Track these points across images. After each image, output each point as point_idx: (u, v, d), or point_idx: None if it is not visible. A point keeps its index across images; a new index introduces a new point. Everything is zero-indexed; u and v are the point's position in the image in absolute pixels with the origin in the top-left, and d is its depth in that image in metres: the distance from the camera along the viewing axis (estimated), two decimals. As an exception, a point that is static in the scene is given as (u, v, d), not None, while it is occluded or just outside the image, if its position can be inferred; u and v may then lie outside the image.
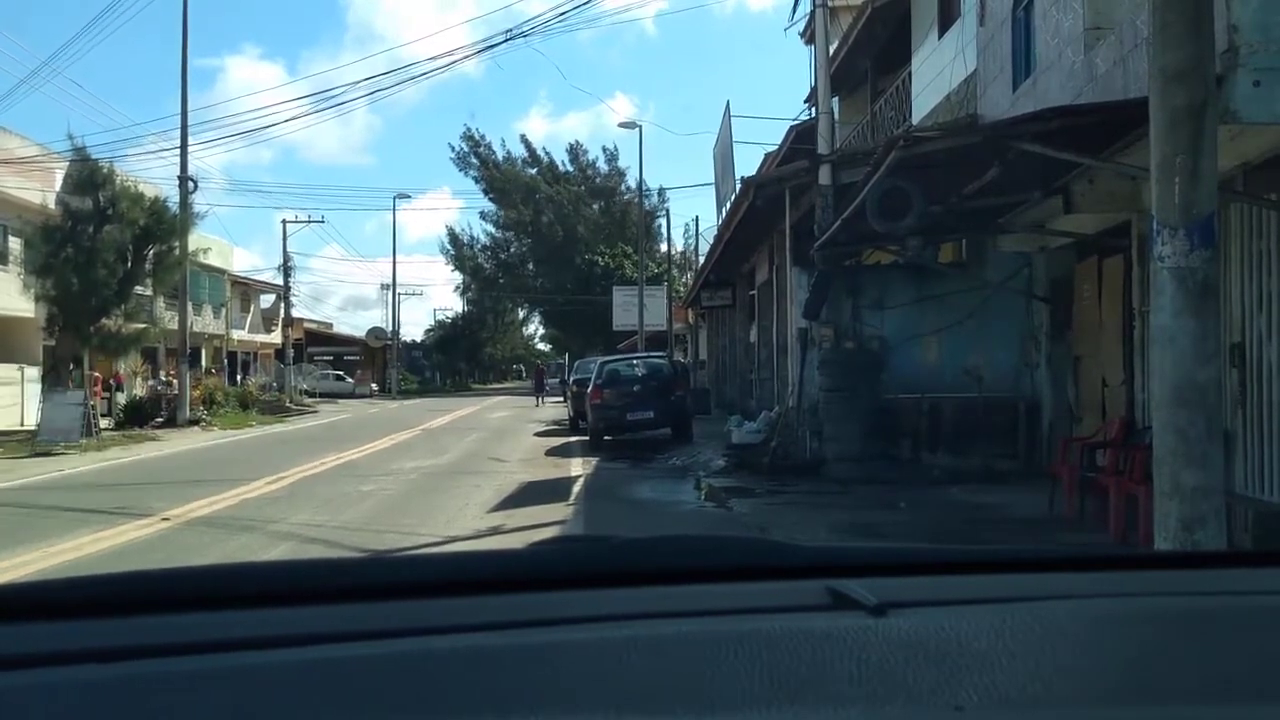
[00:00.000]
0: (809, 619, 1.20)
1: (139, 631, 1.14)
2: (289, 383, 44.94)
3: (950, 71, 15.59)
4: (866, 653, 1.08)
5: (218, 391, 31.17)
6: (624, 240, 60.30)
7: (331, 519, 10.15)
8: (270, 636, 1.13)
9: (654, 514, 10.76)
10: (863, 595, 1.22)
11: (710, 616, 1.22)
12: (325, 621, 1.19)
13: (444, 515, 10.48)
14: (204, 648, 1.09)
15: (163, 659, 1.07)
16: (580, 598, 1.31)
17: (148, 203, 23.69)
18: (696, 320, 41.63)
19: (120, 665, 1.05)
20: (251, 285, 51.71)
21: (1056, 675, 1.06)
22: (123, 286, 22.86)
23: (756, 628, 1.15)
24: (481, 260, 70.51)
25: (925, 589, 1.35)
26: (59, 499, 12.03)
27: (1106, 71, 8.70)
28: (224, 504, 11.18)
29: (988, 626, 1.16)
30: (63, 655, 1.06)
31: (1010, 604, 1.28)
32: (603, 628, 1.18)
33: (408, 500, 11.72)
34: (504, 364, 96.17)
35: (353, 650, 1.10)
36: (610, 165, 66.63)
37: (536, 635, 1.16)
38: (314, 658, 1.08)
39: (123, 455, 18.60)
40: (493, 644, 1.12)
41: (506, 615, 1.20)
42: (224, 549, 8.57)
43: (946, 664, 1.06)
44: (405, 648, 1.11)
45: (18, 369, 26.37)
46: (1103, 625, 1.23)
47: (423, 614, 1.22)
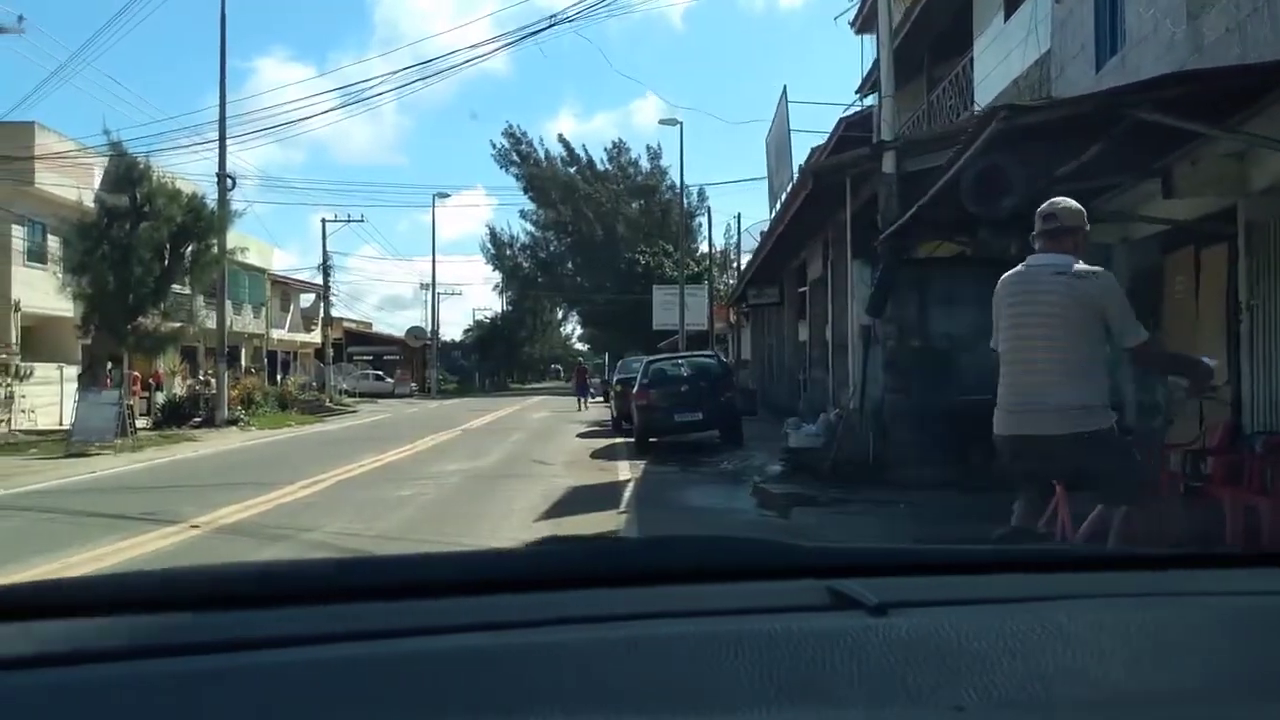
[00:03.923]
0: (809, 619, 1.20)
1: (139, 632, 1.15)
2: (329, 382, 44.65)
3: (1020, 54, 14.80)
4: (866, 653, 1.09)
5: (256, 391, 30.86)
6: (664, 239, 59.69)
7: (368, 527, 9.55)
8: (270, 637, 1.13)
9: (710, 524, 10.05)
10: (863, 595, 1.22)
11: (710, 616, 1.22)
12: (326, 622, 1.19)
13: (487, 524, 9.86)
14: (204, 648, 1.09)
15: (163, 659, 1.07)
16: (580, 598, 1.30)
17: (185, 199, 23.37)
18: (738, 319, 40.89)
19: (120, 666, 1.06)
20: (291, 284, 51.61)
21: (1057, 676, 1.06)
22: (159, 284, 22.55)
23: (756, 628, 1.15)
24: (521, 260, 70.26)
25: (925, 589, 1.35)
26: (87, 503, 11.54)
27: (1217, 40, 7.91)
28: (256, 510, 10.61)
29: (988, 626, 1.17)
30: (63, 656, 1.07)
31: (1011, 604, 1.29)
32: (603, 628, 1.19)
33: (449, 507, 11.11)
34: (542, 364, 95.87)
35: (353, 650, 1.10)
36: (652, 164, 66.08)
37: (536, 635, 1.16)
38: (314, 658, 1.09)
39: (157, 456, 18.17)
40: (493, 644, 1.12)
41: (506, 615, 1.20)
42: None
43: (946, 664, 1.07)
44: (405, 648, 1.11)
45: (56, 368, 26.19)
46: (1103, 626, 1.21)
47: (423, 614, 1.21)
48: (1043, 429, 4.57)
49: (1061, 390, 4.52)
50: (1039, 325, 4.61)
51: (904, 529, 8.96)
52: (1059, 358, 4.54)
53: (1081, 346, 4.50)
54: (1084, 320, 4.49)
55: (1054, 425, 4.52)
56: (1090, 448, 4.51)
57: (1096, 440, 4.51)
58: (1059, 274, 4.54)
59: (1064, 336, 4.52)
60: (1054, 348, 4.55)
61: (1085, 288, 4.50)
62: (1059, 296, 4.53)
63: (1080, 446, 4.50)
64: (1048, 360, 4.58)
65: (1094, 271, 4.61)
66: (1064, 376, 4.53)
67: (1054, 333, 4.55)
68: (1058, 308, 4.54)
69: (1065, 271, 4.54)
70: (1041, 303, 4.60)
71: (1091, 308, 4.49)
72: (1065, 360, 4.52)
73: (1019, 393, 4.67)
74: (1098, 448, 4.52)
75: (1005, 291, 4.80)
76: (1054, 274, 4.56)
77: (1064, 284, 4.52)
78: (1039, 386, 4.59)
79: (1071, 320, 4.50)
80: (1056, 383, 4.54)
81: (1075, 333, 4.50)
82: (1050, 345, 4.57)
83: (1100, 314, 4.50)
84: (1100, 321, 4.51)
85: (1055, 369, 4.55)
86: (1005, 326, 4.77)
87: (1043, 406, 4.56)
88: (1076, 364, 4.50)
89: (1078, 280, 4.51)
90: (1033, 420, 4.61)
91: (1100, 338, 4.56)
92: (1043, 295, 4.59)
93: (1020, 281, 4.74)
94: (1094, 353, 4.55)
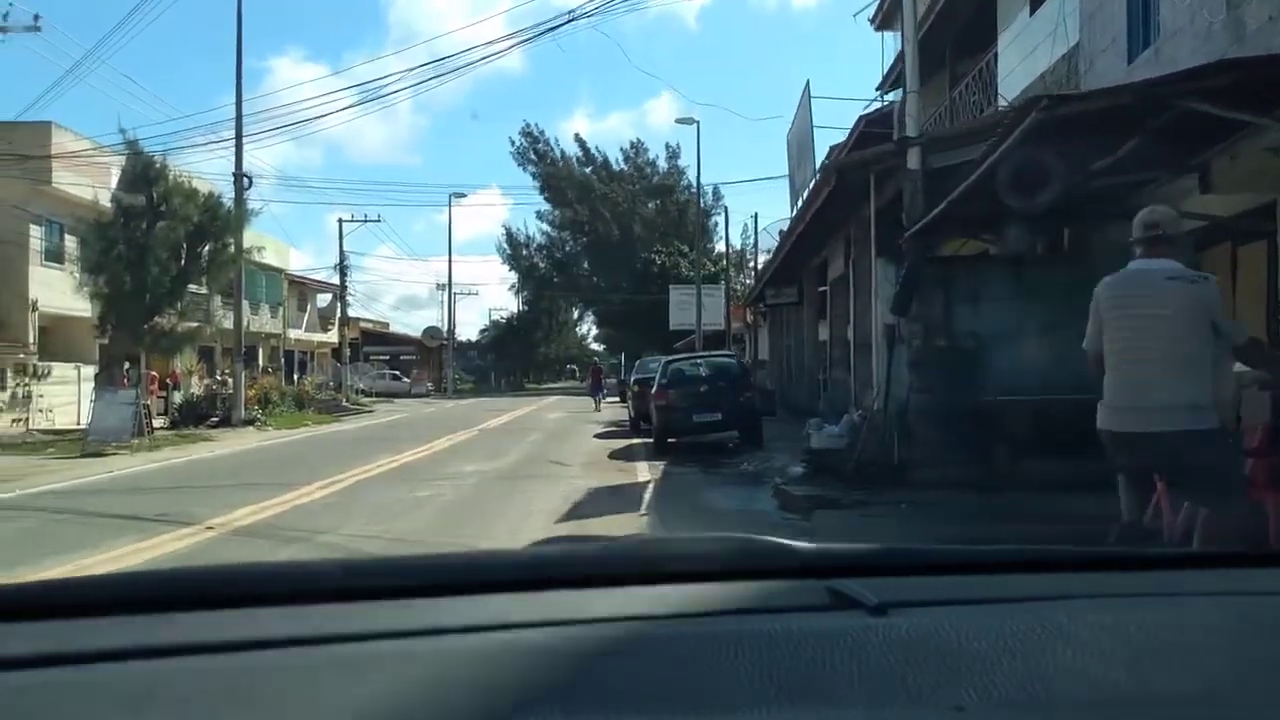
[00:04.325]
0: (809, 619, 1.20)
1: (142, 632, 1.14)
2: (345, 382, 44.61)
3: (1046, 48, 14.57)
4: (866, 653, 1.09)
5: (273, 391, 30.79)
6: (680, 239, 59.47)
7: (386, 529, 9.39)
8: (270, 638, 1.12)
9: (732, 526, 9.82)
10: (863, 595, 1.21)
11: (710, 617, 1.22)
12: (326, 622, 1.19)
13: (506, 525, 9.68)
14: (205, 648, 1.09)
15: (163, 659, 1.07)
16: (580, 598, 1.30)
17: (201, 199, 23.28)
18: (755, 319, 40.62)
19: (121, 666, 1.05)
20: (308, 284, 51.58)
21: (1057, 676, 1.05)
22: (176, 284, 22.48)
23: (756, 628, 1.15)
24: (537, 259, 70.18)
25: (925, 589, 1.35)
26: (101, 504, 11.42)
27: (1259, 29, 7.67)
28: (272, 511, 10.46)
29: (988, 627, 1.17)
30: (64, 656, 1.06)
31: (1011, 604, 1.29)
32: (603, 628, 1.18)
33: (467, 508, 10.94)
34: (558, 364, 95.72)
35: (353, 651, 1.10)
36: (670, 163, 65.87)
37: (537, 635, 1.15)
38: (314, 658, 1.09)
39: (174, 456, 18.08)
40: (493, 644, 1.12)
41: (507, 616, 1.20)
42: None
43: (946, 664, 1.06)
44: (406, 648, 1.11)
45: (74, 368, 26.18)
46: (1104, 626, 1.19)
47: (423, 614, 1.21)
48: (1152, 426, 4.76)
49: (1172, 389, 4.73)
50: (1154, 327, 4.80)
51: (927, 531, 8.73)
52: (1173, 358, 4.75)
53: (1194, 347, 4.72)
54: (1196, 322, 4.73)
55: (1163, 423, 4.72)
56: (1197, 445, 4.69)
57: (1204, 439, 4.69)
58: (1172, 279, 4.77)
59: (1180, 338, 4.74)
60: (1168, 349, 4.76)
61: (1199, 292, 4.74)
62: (1177, 300, 4.74)
63: (1188, 444, 4.68)
64: (1161, 361, 4.78)
65: (1204, 276, 4.92)
66: (1175, 376, 4.74)
67: (1171, 334, 4.75)
68: (1175, 310, 4.75)
69: (1179, 276, 4.78)
70: (1158, 306, 4.80)
71: (1204, 310, 4.73)
72: (1178, 361, 4.73)
73: (1129, 391, 4.88)
74: (1204, 446, 4.71)
75: (1112, 294, 4.97)
76: (1167, 279, 4.78)
77: (1179, 288, 4.75)
78: (1150, 386, 4.80)
79: (1187, 322, 4.72)
80: (1168, 382, 4.75)
81: (1189, 334, 4.72)
82: (1165, 346, 4.77)
83: (1210, 316, 4.75)
84: (1208, 323, 4.75)
85: (1168, 369, 4.76)
86: (1116, 328, 4.94)
87: (1153, 405, 4.76)
88: (1188, 364, 4.73)
89: (1191, 285, 4.76)
90: (1142, 418, 4.80)
91: (1208, 339, 4.76)
92: (1159, 298, 4.79)
93: (1130, 285, 4.94)
94: (1203, 353, 4.76)
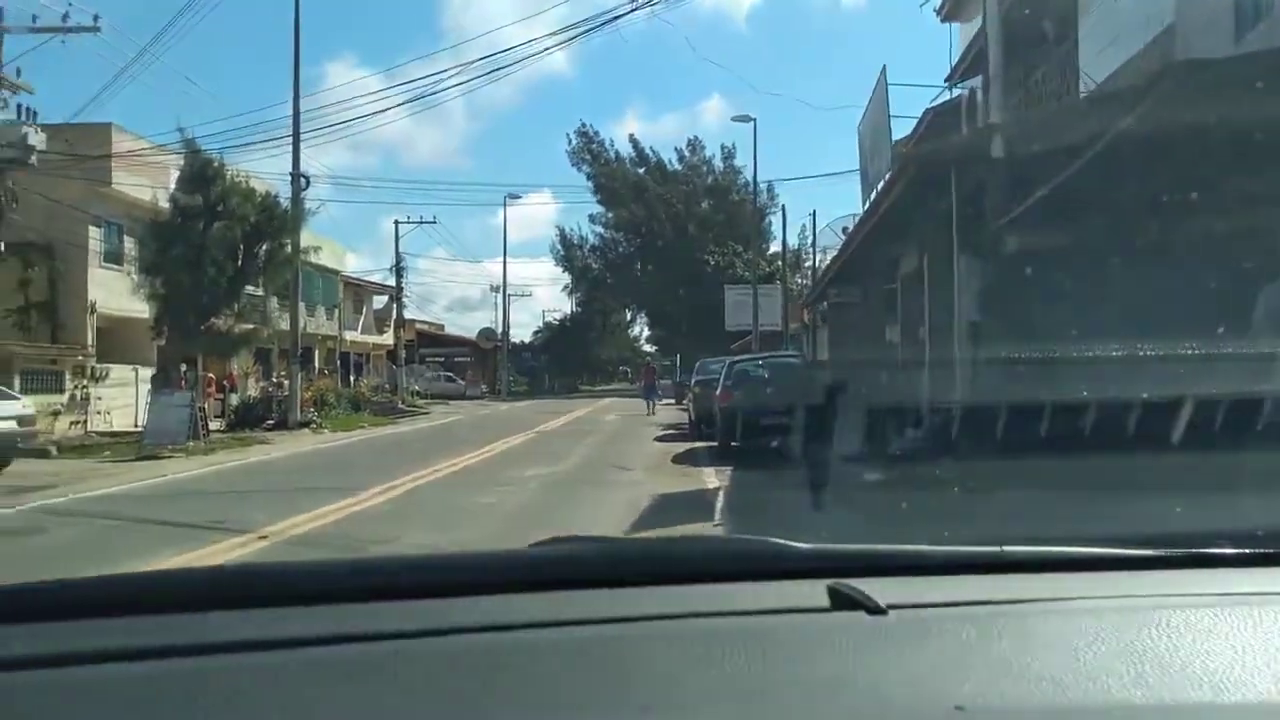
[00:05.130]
0: (809, 619, 1.21)
1: (140, 632, 1.15)
2: (401, 384, 44.52)
3: (1135, 32, 13.78)
4: (866, 653, 1.11)
5: (329, 393, 30.65)
6: (735, 239, 58.73)
7: (448, 538, 8.92)
8: (270, 638, 1.13)
9: (817, 537, 9.21)
10: (863, 595, 1.22)
11: (710, 617, 1.22)
12: (326, 623, 1.18)
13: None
14: (206, 649, 1.10)
15: (164, 660, 1.07)
16: (581, 598, 1.30)
17: (258, 199, 23.09)
18: (813, 320, 39.79)
19: (121, 666, 1.06)
20: (364, 287, 51.61)
21: (1057, 676, 1.06)
22: (232, 285, 22.30)
23: (756, 628, 1.17)
24: (590, 261, 69.85)
25: (925, 589, 1.35)
26: (155, 509, 11.09)
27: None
28: (330, 518, 10.04)
29: (988, 627, 1.18)
30: (63, 656, 1.07)
31: (1010, 605, 1.29)
32: (604, 629, 1.18)
33: (532, 516, 10.43)
34: (610, 365, 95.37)
35: (353, 651, 1.11)
36: (726, 163, 65.16)
37: (541, 635, 1.15)
38: (314, 658, 1.09)
39: (229, 459, 17.81)
40: (498, 644, 1.13)
41: (512, 616, 1.20)
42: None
43: (946, 664, 1.08)
44: (406, 649, 1.11)
45: (132, 370, 26.14)
46: (1103, 626, 1.21)
47: (424, 615, 1.22)
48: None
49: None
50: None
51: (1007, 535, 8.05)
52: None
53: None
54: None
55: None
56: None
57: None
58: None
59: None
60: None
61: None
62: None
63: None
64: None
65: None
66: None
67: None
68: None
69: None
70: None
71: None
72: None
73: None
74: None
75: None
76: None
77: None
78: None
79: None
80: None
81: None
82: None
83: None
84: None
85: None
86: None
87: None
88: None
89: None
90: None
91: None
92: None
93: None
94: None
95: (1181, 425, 10.15)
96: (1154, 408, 10.71)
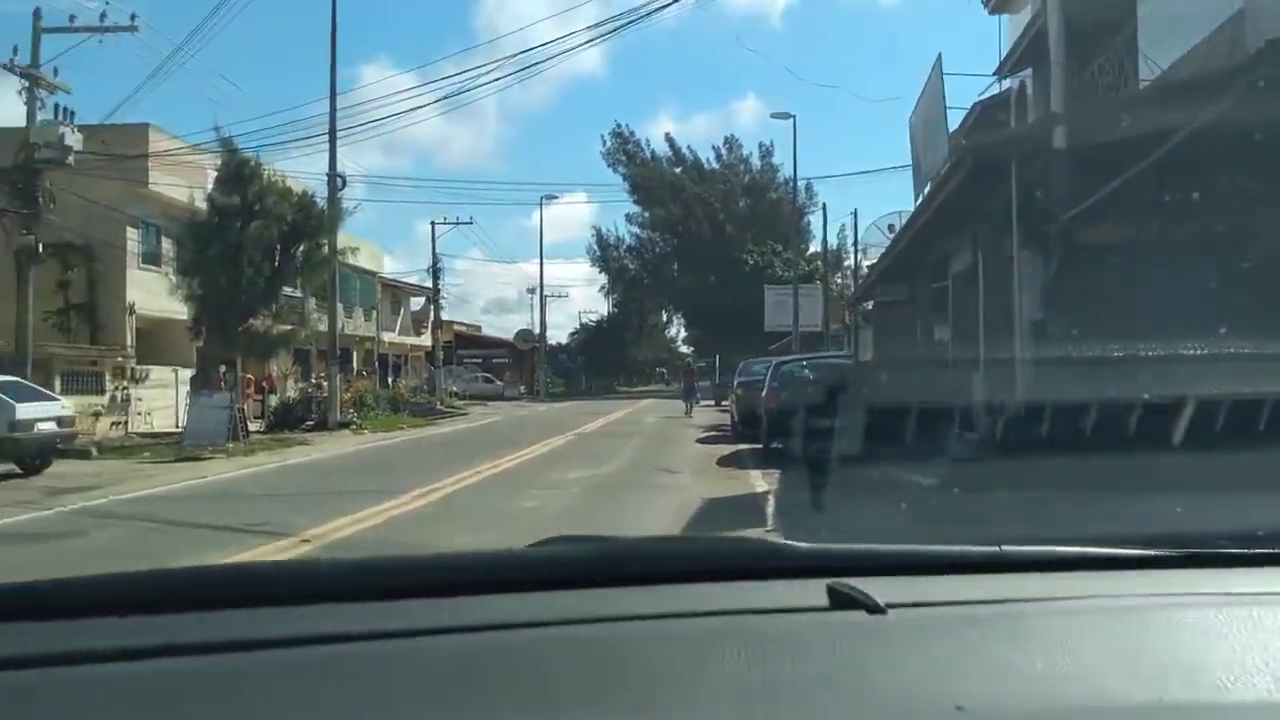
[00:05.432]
0: (809, 619, 1.21)
1: (142, 632, 1.14)
2: (439, 385, 44.42)
3: (1199, 18, 13.25)
4: (866, 653, 1.11)
5: (368, 394, 30.56)
6: (773, 238, 58.19)
7: (493, 542, 8.57)
8: (270, 638, 1.13)
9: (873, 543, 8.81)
10: (863, 595, 1.22)
11: (710, 617, 1.22)
12: (327, 622, 1.18)
13: (623, 541, 8.80)
14: (205, 648, 1.09)
15: (165, 660, 1.07)
16: (581, 598, 1.29)
17: (295, 198, 22.95)
18: (855, 319, 39.24)
19: (122, 665, 1.06)
20: (401, 288, 51.60)
21: (1057, 676, 1.06)
22: (270, 285, 22.20)
23: (756, 628, 1.16)
24: (626, 261, 69.54)
25: (925, 589, 1.35)
26: (193, 511, 10.87)
27: None
28: (372, 521, 9.77)
29: (987, 627, 1.18)
30: (63, 656, 1.06)
31: (1010, 604, 1.29)
32: (603, 628, 1.19)
33: (576, 520, 10.10)
34: (646, 367, 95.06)
35: (353, 651, 1.10)
36: (763, 160, 64.66)
37: (536, 636, 1.15)
38: (313, 658, 1.09)
39: (268, 460, 17.65)
40: (493, 644, 1.13)
41: (512, 615, 1.20)
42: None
43: (946, 664, 1.08)
44: (405, 648, 1.11)
45: (171, 371, 26.10)
46: (1103, 626, 1.21)
47: (423, 615, 1.21)
48: None
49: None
50: None
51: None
52: None
53: None
54: None
55: None
56: None
57: None
58: None
59: None
60: None
61: None
62: None
63: None
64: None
65: None
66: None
67: None
68: None
69: None
70: None
71: None
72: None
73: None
74: None
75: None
76: None
77: None
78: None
79: None
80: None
81: None
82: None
83: None
84: None
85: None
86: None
87: None
88: None
89: None
90: None
91: None
92: None
93: None
94: None
95: (1271, 424, 9.62)
96: (1237, 406, 10.18)
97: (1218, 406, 10.20)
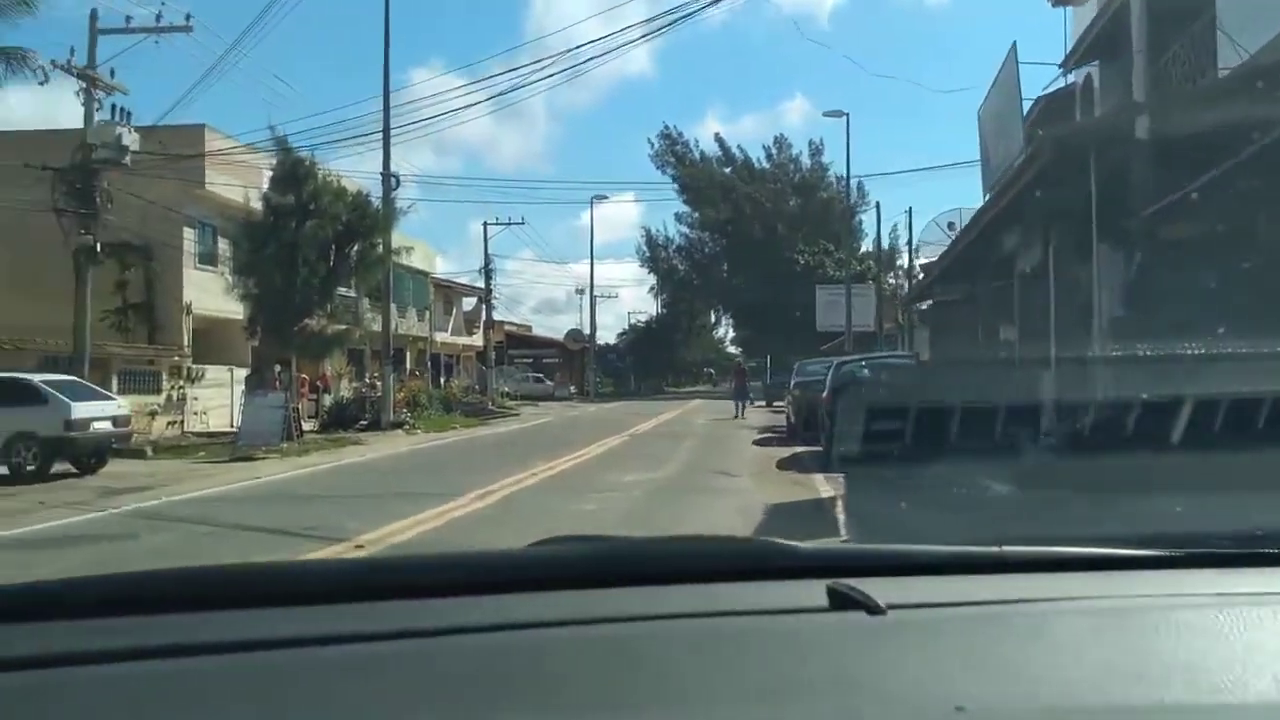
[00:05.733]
0: (809, 619, 1.21)
1: (145, 632, 1.14)
2: (491, 385, 44.37)
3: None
4: (866, 653, 1.11)
5: (421, 394, 30.51)
6: (824, 237, 57.55)
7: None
8: (271, 638, 1.13)
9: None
10: (863, 595, 1.21)
11: (710, 617, 1.22)
12: (327, 622, 1.18)
13: (689, 548, 8.48)
14: (206, 648, 1.09)
15: (165, 659, 1.07)
16: (581, 598, 1.29)
17: (350, 198, 22.89)
18: (909, 320, 38.57)
19: (124, 666, 1.05)
20: (454, 288, 51.70)
21: (1057, 676, 1.06)
22: (325, 285, 22.15)
23: (756, 628, 1.17)
24: (676, 261, 69.24)
25: (925, 589, 1.35)
26: (247, 514, 10.71)
27: None
28: (427, 525, 9.53)
29: (988, 627, 1.19)
30: (64, 656, 1.06)
31: (1010, 605, 1.29)
32: (603, 628, 1.18)
33: (639, 525, 9.78)
34: (695, 367, 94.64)
35: (354, 650, 1.10)
36: (813, 159, 64.00)
37: (537, 635, 1.15)
38: (315, 658, 1.09)
39: (322, 461, 17.54)
40: (493, 644, 1.13)
41: (507, 615, 1.19)
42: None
43: (946, 664, 1.08)
44: (406, 648, 1.11)
45: (227, 370, 26.20)
46: (1103, 626, 1.21)
47: (424, 615, 1.21)
48: None
49: None
50: None
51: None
52: None
53: None
54: None
55: None
56: None
57: None
58: None
59: None
60: None
61: None
62: None
63: None
64: None
65: None
66: None
67: None
68: None
69: None
70: None
71: None
72: None
73: None
74: None
75: None
76: None
77: None
78: None
79: None
80: None
81: None
82: None
83: None
84: None
85: None
86: None
87: None
88: None
89: None
90: None
91: None
92: None
93: None
94: None
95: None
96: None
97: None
